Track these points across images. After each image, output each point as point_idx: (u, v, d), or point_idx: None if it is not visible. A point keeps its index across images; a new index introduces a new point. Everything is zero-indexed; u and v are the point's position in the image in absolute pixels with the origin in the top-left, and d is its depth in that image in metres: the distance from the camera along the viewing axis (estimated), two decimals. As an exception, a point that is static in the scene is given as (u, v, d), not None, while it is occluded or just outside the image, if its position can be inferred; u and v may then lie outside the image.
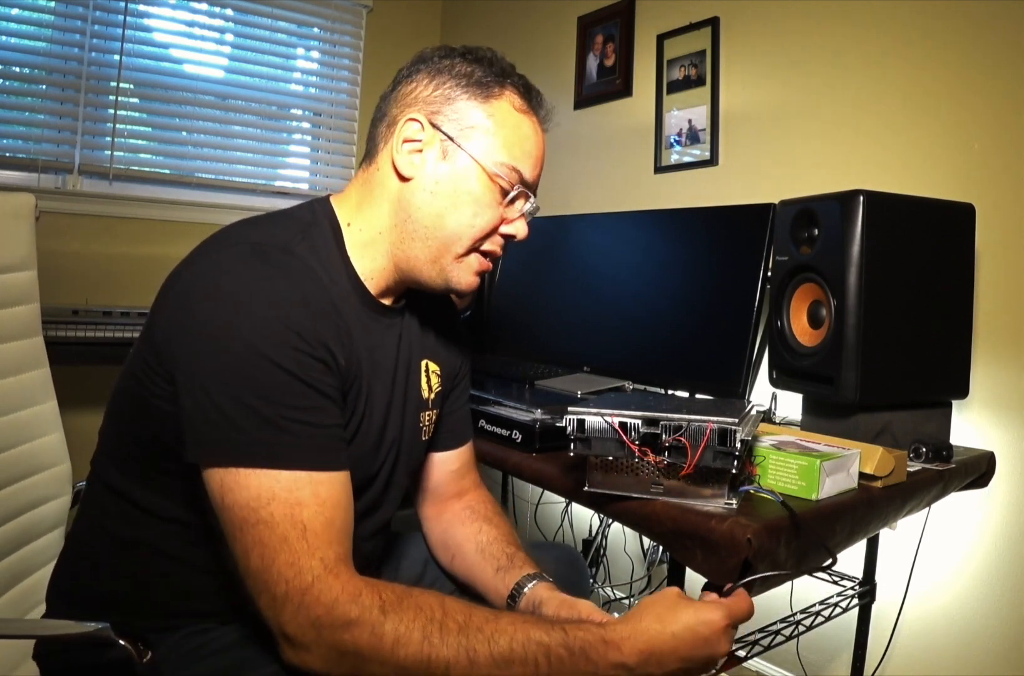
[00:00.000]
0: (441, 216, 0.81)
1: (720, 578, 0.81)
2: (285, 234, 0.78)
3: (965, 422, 1.36)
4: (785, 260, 1.23)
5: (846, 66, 1.58)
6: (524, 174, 0.83)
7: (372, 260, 0.84)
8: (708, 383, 1.37)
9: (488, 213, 0.82)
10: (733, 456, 0.78)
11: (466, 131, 0.81)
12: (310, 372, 0.70)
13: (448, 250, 0.82)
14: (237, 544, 0.67)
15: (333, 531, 0.69)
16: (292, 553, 0.66)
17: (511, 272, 1.89)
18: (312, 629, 0.64)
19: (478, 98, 0.82)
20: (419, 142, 0.81)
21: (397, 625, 0.64)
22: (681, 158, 1.92)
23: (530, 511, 2.20)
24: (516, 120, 0.83)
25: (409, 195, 0.82)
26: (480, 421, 1.22)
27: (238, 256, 0.73)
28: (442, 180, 0.81)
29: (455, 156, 0.81)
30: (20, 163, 2.10)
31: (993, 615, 1.34)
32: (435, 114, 0.81)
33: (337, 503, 0.70)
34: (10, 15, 2.11)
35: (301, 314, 0.71)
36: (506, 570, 0.91)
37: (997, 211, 1.33)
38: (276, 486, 0.67)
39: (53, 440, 1.14)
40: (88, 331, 1.77)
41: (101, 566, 0.83)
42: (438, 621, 0.65)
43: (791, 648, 1.52)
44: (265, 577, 0.66)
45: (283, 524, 0.66)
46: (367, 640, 0.64)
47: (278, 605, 0.65)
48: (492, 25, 2.62)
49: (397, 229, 0.83)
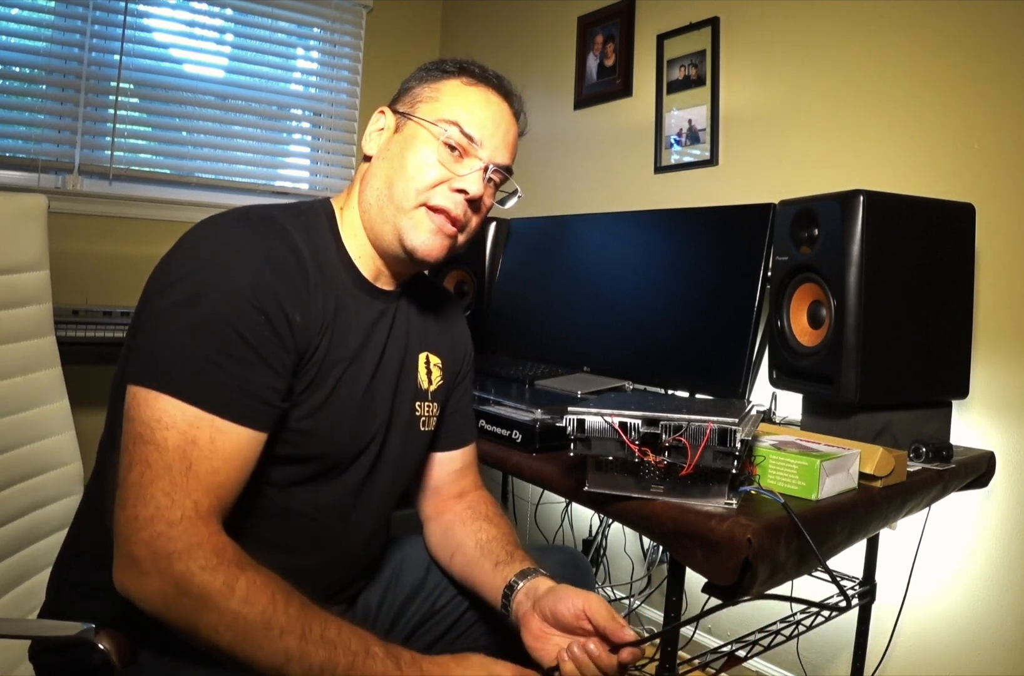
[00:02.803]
0: (390, 176, 0.86)
1: (720, 578, 0.81)
2: (273, 211, 0.84)
3: (965, 422, 1.36)
4: (785, 260, 1.23)
5: (846, 66, 1.58)
6: (466, 128, 0.86)
7: (354, 235, 0.89)
8: (708, 383, 1.37)
9: (432, 167, 0.86)
10: (733, 456, 0.78)
11: (416, 105, 0.88)
12: (254, 330, 0.74)
13: (399, 208, 0.86)
14: (127, 455, 0.70)
15: (214, 480, 0.71)
16: (171, 484, 0.68)
17: (511, 272, 1.89)
18: (163, 559, 0.66)
19: (428, 81, 0.90)
20: (380, 124, 0.90)
21: (250, 584, 0.67)
22: (681, 158, 1.92)
23: (530, 511, 2.20)
24: (461, 89, 0.89)
25: (371, 168, 0.89)
26: (480, 421, 1.22)
27: (219, 221, 0.80)
28: (393, 147, 0.88)
29: (405, 125, 0.88)
30: (20, 163, 2.10)
31: (993, 615, 1.34)
32: (394, 102, 0.91)
33: (230, 456, 0.72)
34: (10, 15, 2.11)
35: (260, 269, 0.75)
36: (505, 564, 0.91)
37: (997, 211, 1.33)
38: (179, 416, 0.70)
39: (64, 439, 1.14)
40: (88, 331, 1.77)
41: (99, 559, 0.83)
42: (286, 592, 0.69)
43: (791, 648, 1.52)
44: (138, 493, 0.68)
45: (172, 453, 0.69)
46: (218, 588, 0.66)
47: (138, 525, 0.67)
48: (492, 25, 2.62)
49: (364, 202, 0.88)
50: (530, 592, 0.85)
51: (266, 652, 0.67)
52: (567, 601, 0.80)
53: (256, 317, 0.74)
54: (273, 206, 0.87)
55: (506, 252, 1.92)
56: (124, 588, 0.68)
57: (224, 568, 0.67)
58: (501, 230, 1.94)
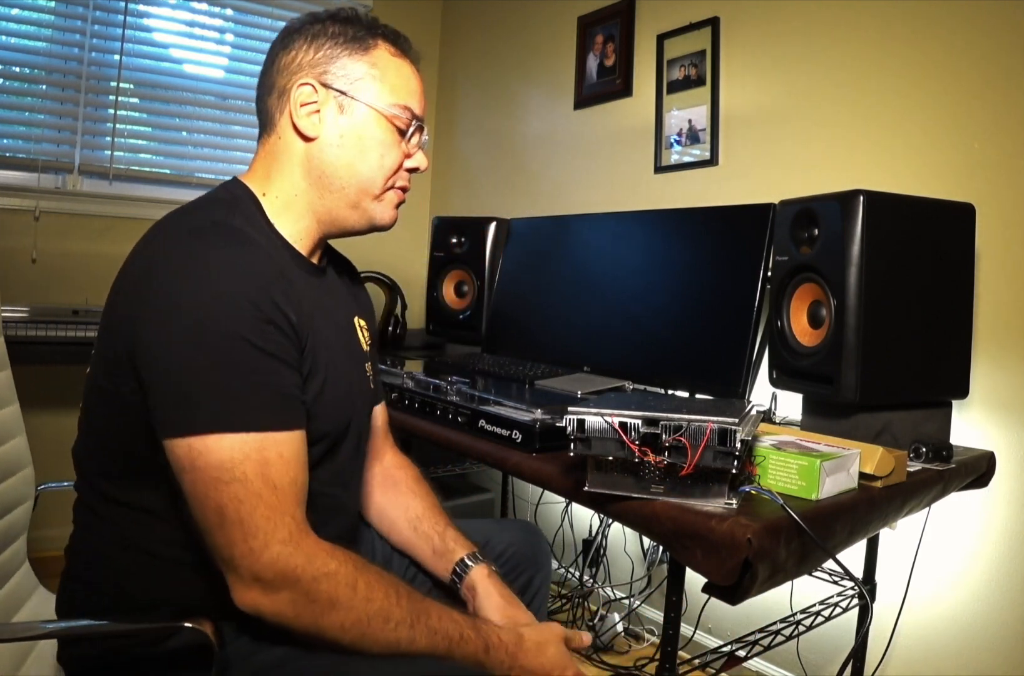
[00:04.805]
0: (352, 165, 0.88)
1: (720, 578, 0.81)
2: (218, 213, 0.83)
3: (965, 422, 1.36)
4: (785, 260, 1.23)
5: (846, 66, 1.58)
6: (415, 109, 0.90)
7: (295, 222, 0.89)
8: (708, 383, 1.37)
9: (393, 152, 0.90)
10: (733, 456, 0.78)
11: (356, 84, 0.87)
12: (267, 338, 0.74)
13: (367, 193, 0.89)
14: (209, 502, 0.71)
15: (297, 489, 0.75)
16: (268, 508, 0.71)
17: (511, 272, 1.89)
18: (290, 575, 0.71)
19: (358, 52, 0.88)
20: (315, 103, 0.87)
21: (368, 582, 0.75)
22: (681, 158, 1.92)
23: (530, 511, 2.20)
24: (395, 64, 0.90)
25: (318, 153, 0.87)
26: (480, 421, 1.22)
27: (182, 240, 0.77)
28: (346, 133, 0.87)
29: (352, 108, 0.87)
30: (20, 163, 2.10)
31: (994, 615, 1.34)
32: (323, 74, 0.87)
33: (298, 461, 0.76)
34: (10, 15, 2.11)
35: (253, 283, 0.75)
36: (441, 554, 1.00)
37: (997, 211, 1.33)
38: (246, 447, 0.71)
39: (16, 444, 1.12)
40: (89, 331, 1.78)
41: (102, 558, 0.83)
42: (395, 585, 0.78)
43: (791, 648, 1.52)
44: (243, 529, 0.71)
45: (256, 481, 0.71)
46: (343, 592, 0.73)
47: (255, 555, 0.70)
48: (492, 25, 2.62)
49: (314, 187, 0.88)
50: (469, 591, 0.97)
51: (381, 643, 0.75)
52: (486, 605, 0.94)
53: (265, 327, 0.74)
54: (205, 206, 0.86)
55: (506, 252, 1.92)
56: (255, 607, 0.72)
57: (343, 570, 0.74)
58: (501, 230, 1.94)
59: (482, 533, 1.12)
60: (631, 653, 1.84)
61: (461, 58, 2.76)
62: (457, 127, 2.76)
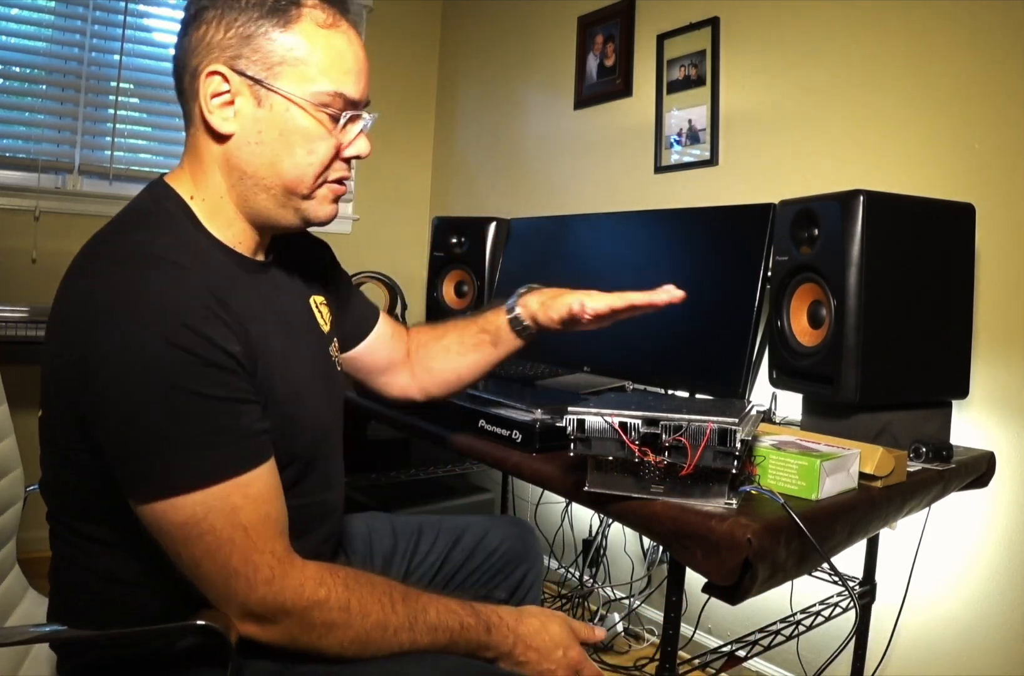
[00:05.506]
0: (275, 164, 0.77)
1: (720, 578, 0.81)
2: (140, 234, 0.75)
3: (965, 422, 1.36)
4: (785, 260, 1.23)
5: (846, 66, 1.58)
6: (349, 94, 0.78)
7: (228, 227, 0.81)
8: (708, 383, 1.37)
9: (323, 146, 0.78)
10: (733, 456, 0.78)
11: (275, 70, 0.75)
12: (212, 382, 0.69)
13: (295, 192, 0.79)
14: (184, 558, 0.69)
15: (271, 524, 0.72)
16: (243, 552, 0.69)
17: (511, 272, 1.89)
18: (280, 610, 0.71)
19: (277, 28, 0.74)
20: (227, 94, 0.75)
21: (360, 599, 0.74)
22: (681, 158, 1.92)
23: (530, 511, 2.20)
24: (325, 39, 0.76)
25: (236, 151, 0.77)
26: (480, 421, 1.22)
27: (105, 277, 0.70)
28: (264, 129, 0.76)
29: (270, 99, 0.75)
30: (20, 163, 2.11)
31: (993, 615, 1.34)
32: (236, 59, 0.74)
33: (269, 496, 0.73)
34: (10, 15, 2.11)
35: (185, 324, 0.67)
36: (485, 318, 1.07)
37: (997, 211, 1.33)
38: (208, 500, 0.68)
39: (6, 446, 1.10)
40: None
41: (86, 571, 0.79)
42: (388, 593, 0.77)
43: (791, 648, 1.52)
44: (224, 575, 0.69)
45: (225, 529, 0.69)
46: (337, 615, 0.73)
47: (242, 597, 0.70)
48: (492, 25, 2.62)
49: (235, 189, 0.79)
50: (526, 307, 1.06)
51: (384, 651, 0.75)
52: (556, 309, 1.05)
53: (207, 371, 0.68)
54: (129, 226, 0.78)
55: (506, 252, 1.92)
56: (255, 637, 0.72)
57: (333, 594, 0.73)
58: (501, 230, 1.94)
59: (481, 525, 1.14)
60: (631, 653, 1.84)
61: (461, 58, 2.76)
62: (457, 127, 2.76)
